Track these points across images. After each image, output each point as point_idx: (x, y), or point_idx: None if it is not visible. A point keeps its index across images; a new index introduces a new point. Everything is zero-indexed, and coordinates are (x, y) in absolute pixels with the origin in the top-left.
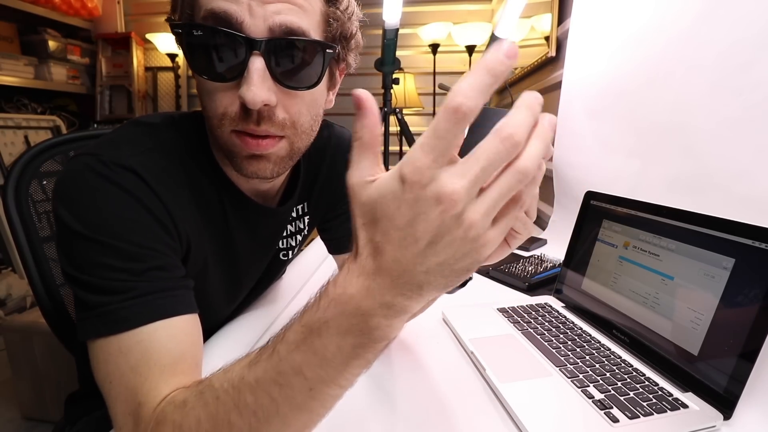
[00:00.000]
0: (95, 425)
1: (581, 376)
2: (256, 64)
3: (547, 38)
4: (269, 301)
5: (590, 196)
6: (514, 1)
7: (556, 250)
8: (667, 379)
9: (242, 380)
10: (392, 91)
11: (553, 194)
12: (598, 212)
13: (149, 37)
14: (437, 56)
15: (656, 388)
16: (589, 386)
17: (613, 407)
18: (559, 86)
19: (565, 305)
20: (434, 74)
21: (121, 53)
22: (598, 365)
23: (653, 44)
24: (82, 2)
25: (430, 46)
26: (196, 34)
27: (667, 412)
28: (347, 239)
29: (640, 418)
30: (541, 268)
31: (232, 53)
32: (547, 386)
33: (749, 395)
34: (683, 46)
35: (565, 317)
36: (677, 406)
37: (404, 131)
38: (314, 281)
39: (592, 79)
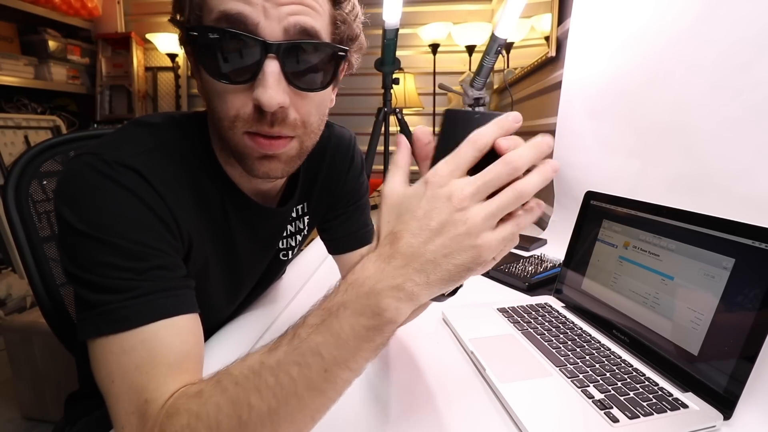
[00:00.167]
0: (95, 425)
1: (581, 376)
2: (271, 66)
3: (547, 38)
4: (269, 301)
5: (590, 196)
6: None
7: (556, 250)
8: (667, 379)
9: (262, 364)
10: (392, 91)
11: (553, 194)
12: (598, 212)
13: (149, 37)
14: (437, 56)
15: (656, 388)
16: (589, 386)
17: (613, 407)
18: (559, 86)
19: (565, 305)
20: (434, 74)
21: (121, 53)
22: (598, 365)
23: (653, 44)
24: (82, 2)
25: (430, 46)
26: (211, 36)
27: (667, 412)
28: (347, 239)
29: (640, 418)
30: (541, 268)
31: (246, 56)
32: (547, 386)
33: (749, 395)
34: (683, 46)
35: (565, 317)
36: (677, 406)
37: (404, 131)
38: (314, 281)
39: (592, 79)
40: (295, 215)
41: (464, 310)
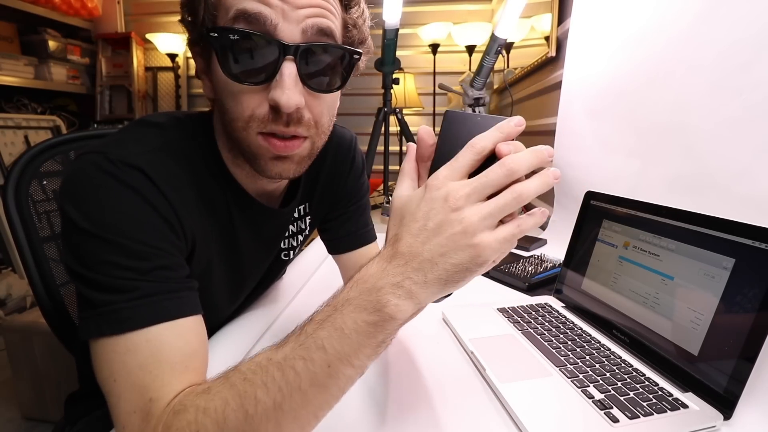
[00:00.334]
0: (95, 425)
1: (581, 376)
2: (289, 68)
3: (547, 38)
4: (270, 301)
5: (590, 196)
6: (514, 1)
7: (556, 250)
8: (667, 379)
9: (270, 360)
10: (392, 91)
11: (553, 194)
12: (598, 212)
13: (149, 37)
14: (437, 56)
15: (656, 388)
16: (589, 386)
17: (613, 407)
18: (559, 86)
19: (565, 305)
20: (434, 74)
21: (121, 53)
22: (598, 365)
23: (653, 44)
24: (82, 2)
25: (430, 46)
26: (231, 38)
27: (667, 412)
28: (347, 239)
29: (640, 418)
30: (541, 268)
31: (264, 57)
32: (547, 386)
33: (749, 395)
34: (683, 46)
35: (565, 317)
36: (677, 406)
37: (404, 131)
38: (314, 281)
39: (592, 79)
40: (296, 215)
41: (464, 310)
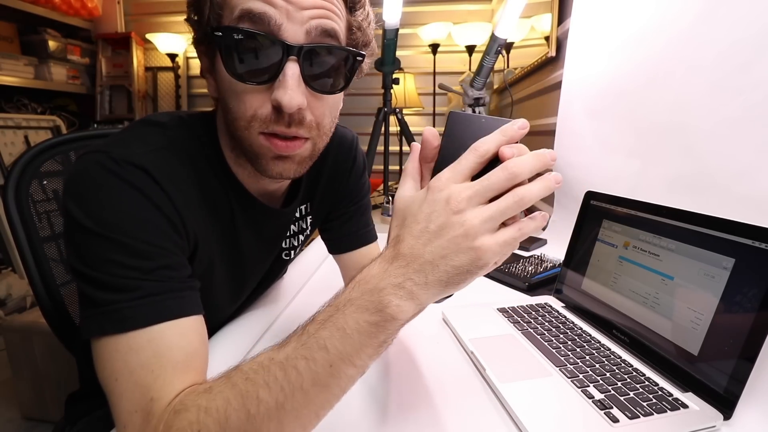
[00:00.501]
0: (96, 425)
1: (581, 376)
2: (292, 69)
3: (547, 38)
4: (270, 300)
5: (590, 196)
6: (514, 1)
7: (556, 250)
8: (667, 379)
9: (272, 360)
10: (392, 91)
11: (553, 194)
12: (598, 212)
13: (149, 37)
14: (437, 56)
15: (656, 388)
16: (589, 386)
17: (613, 407)
18: (559, 86)
19: (565, 305)
20: (434, 74)
21: (121, 53)
22: (598, 365)
23: (653, 44)
24: (82, 2)
25: (430, 46)
26: (236, 37)
27: (667, 412)
28: (348, 239)
29: (640, 418)
30: (541, 268)
31: (268, 57)
32: (547, 386)
33: (749, 395)
34: (683, 46)
35: (565, 317)
36: (677, 406)
37: (404, 131)
38: (315, 280)
39: (592, 79)
40: (298, 215)
41: (464, 310)
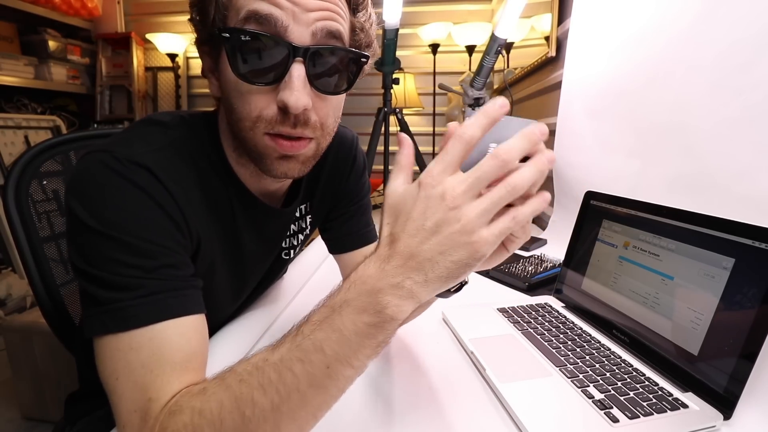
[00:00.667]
0: (96, 425)
1: (581, 376)
2: (298, 70)
3: (547, 38)
4: (271, 300)
5: (590, 196)
6: (514, 1)
7: (556, 250)
8: (667, 379)
9: (266, 361)
10: (392, 91)
11: (553, 194)
12: (598, 212)
13: (149, 37)
14: (437, 56)
15: (656, 388)
16: (589, 386)
17: (613, 407)
18: (559, 86)
19: (565, 305)
20: (434, 74)
21: (121, 53)
22: (598, 365)
23: (653, 44)
24: (82, 2)
25: (430, 46)
26: (242, 38)
27: (667, 412)
28: (347, 239)
29: (640, 418)
30: (541, 268)
31: (274, 58)
32: (547, 386)
33: (749, 395)
34: (683, 46)
35: (565, 317)
36: (677, 406)
37: (404, 131)
38: (315, 280)
39: (592, 79)
40: (298, 215)
41: (464, 310)
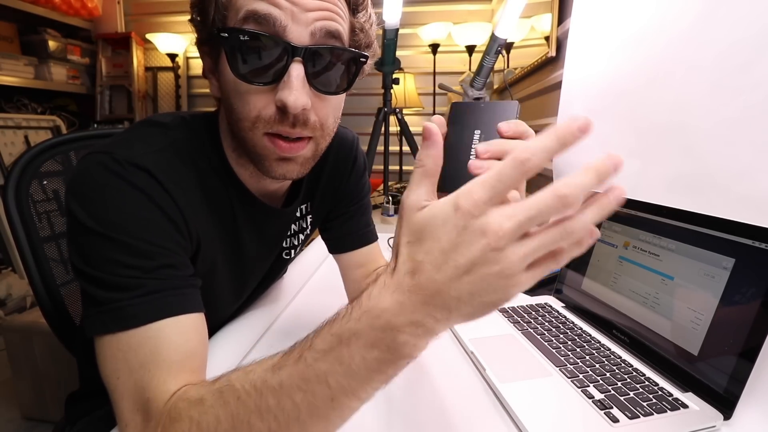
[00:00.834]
0: (96, 425)
1: (581, 376)
2: (297, 70)
3: (547, 38)
4: (271, 300)
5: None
6: (514, 1)
7: None
8: (667, 379)
9: (265, 383)
10: (392, 91)
11: None
12: None
13: (149, 37)
14: (437, 56)
15: (656, 388)
16: (589, 386)
17: (613, 407)
18: (559, 86)
19: (565, 305)
20: (434, 74)
21: (121, 53)
22: (598, 365)
23: (653, 44)
24: (82, 2)
25: (430, 46)
26: (241, 38)
27: (667, 412)
28: (347, 239)
29: (640, 418)
30: None
31: (273, 58)
32: (547, 386)
33: (749, 395)
34: (683, 46)
35: (565, 317)
36: (677, 406)
37: (404, 131)
38: (315, 280)
39: (592, 79)
40: (298, 215)
41: None
